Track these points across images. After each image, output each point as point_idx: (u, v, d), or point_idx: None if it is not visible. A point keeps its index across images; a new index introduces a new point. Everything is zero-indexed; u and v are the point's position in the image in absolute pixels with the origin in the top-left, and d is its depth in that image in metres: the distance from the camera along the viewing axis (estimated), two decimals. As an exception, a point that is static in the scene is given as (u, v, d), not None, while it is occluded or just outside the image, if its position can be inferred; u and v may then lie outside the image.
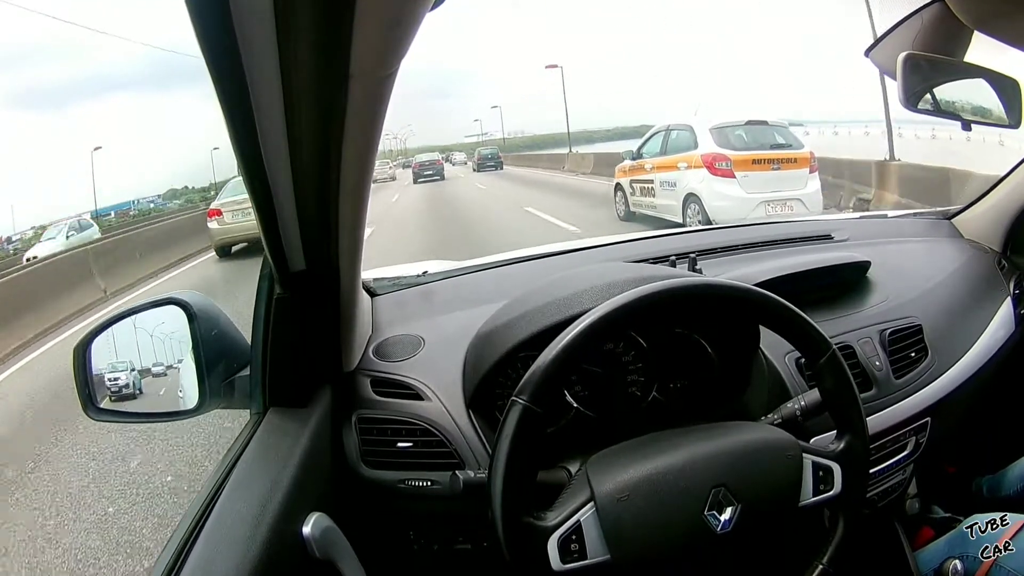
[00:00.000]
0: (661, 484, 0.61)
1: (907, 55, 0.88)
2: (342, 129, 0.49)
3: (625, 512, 0.59)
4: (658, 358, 0.86)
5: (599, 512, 0.60)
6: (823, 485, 0.66)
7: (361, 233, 0.68)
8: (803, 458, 0.66)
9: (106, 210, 10.25)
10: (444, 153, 24.18)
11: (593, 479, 0.62)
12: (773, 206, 5.00)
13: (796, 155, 5.24)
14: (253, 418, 0.76)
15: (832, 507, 0.68)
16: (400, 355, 0.89)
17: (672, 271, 0.93)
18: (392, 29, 0.42)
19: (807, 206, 5.06)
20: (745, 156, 5.14)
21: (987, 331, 1.08)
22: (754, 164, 5.11)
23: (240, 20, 0.38)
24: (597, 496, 0.60)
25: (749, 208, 4.93)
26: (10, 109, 19.27)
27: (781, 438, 0.67)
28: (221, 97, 0.43)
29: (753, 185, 5.03)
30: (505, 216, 8.69)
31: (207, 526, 0.58)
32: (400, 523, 0.86)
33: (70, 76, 22.75)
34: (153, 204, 12.78)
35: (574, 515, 0.60)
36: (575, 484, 0.63)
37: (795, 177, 5.10)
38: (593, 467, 0.63)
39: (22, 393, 4.18)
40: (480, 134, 31.27)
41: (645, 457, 0.63)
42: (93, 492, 2.63)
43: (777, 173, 5.09)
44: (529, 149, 23.26)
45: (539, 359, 0.62)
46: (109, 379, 0.77)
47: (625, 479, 0.61)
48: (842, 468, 0.67)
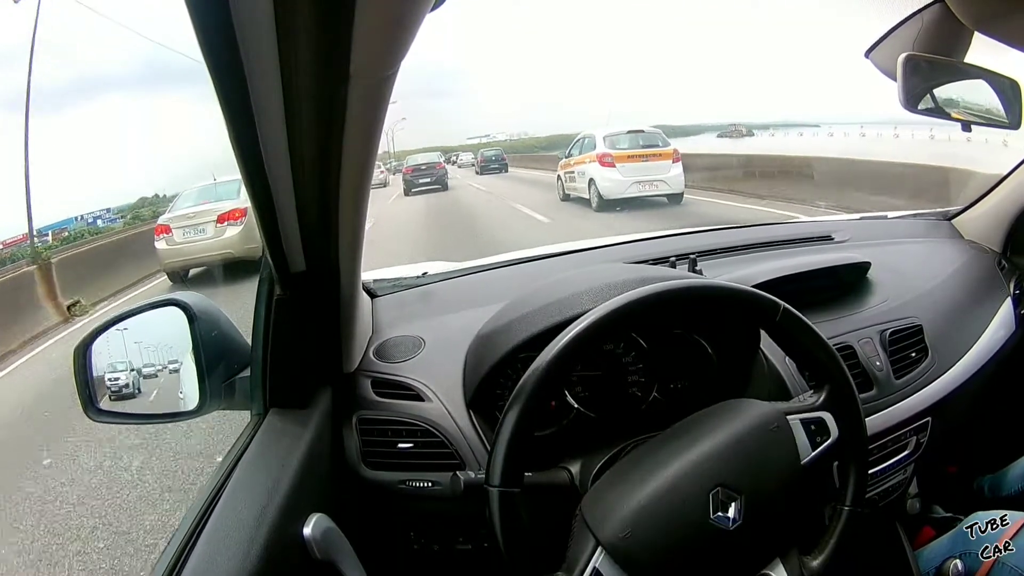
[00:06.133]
0: (659, 507, 0.60)
1: (907, 56, 0.88)
2: (342, 129, 0.49)
3: (635, 545, 0.59)
4: (658, 359, 0.86)
5: (611, 553, 0.59)
6: (819, 436, 0.66)
7: (361, 234, 0.68)
8: (788, 422, 0.66)
9: (44, 229, 8.74)
10: (447, 154, 18.22)
11: (592, 524, 0.61)
12: (643, 185, 7.55)
13: (661, 151, 7.75)
14: (254, 419, 0.76)
15: (836, 454, 0.68)
16: (400, 356, 0.89)
17: (672, 272, 0.93)
18: (392, 29, 0.42)
19: (669, 184, 7.60)
20: (622, 153, 7.69)
21: (987, 331, 1.08)
22: (629, 158, 7.64)
23: (240, 20, 0.38)
24: (602, 540, 0.60)
25: (625, 187, 7.50)
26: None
27: (762, 413, 0.66)
28: (221, 97, 0.43)
29: (627, 172, 7.55)
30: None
31: (208, 527, 0.58)
32: (401, 524, 0.86)
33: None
34: (100, 220, 10.18)
35: (588, 565, 0.59)
36: (576, 534, 0.62)
37: (660, 166, 7.63)
38: (587, 510, 0.63)
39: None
40: (483, 136, 30.27)
41: (635, 483, 0.62)
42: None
43: (645, 163, 7.62)
44: (531, 151, 22.25)
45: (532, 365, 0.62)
46: (109, 379, 0.77)
47: (623, 515, 0.60)
48: (832, 413, 0.67)
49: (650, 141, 7.95)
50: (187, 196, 7.04)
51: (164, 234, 6.51)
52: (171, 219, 6.60)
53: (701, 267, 0.98)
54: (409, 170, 13.49)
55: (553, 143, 21.39)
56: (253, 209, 0.56)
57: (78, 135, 11.75)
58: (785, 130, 15.31)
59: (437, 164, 13.79)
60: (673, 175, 7.65)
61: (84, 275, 6.77)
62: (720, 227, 1.44)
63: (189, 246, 6.34)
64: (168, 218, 6.69)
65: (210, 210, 6.42)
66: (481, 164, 17.96)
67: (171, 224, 6.49)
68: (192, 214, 6.42)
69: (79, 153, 11.90)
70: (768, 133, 15.08)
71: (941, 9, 0.88)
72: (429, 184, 12.96)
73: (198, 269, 6.55)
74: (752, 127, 15.46)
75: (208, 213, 6.40)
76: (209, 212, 6.41)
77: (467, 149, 23.56)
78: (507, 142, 25.90)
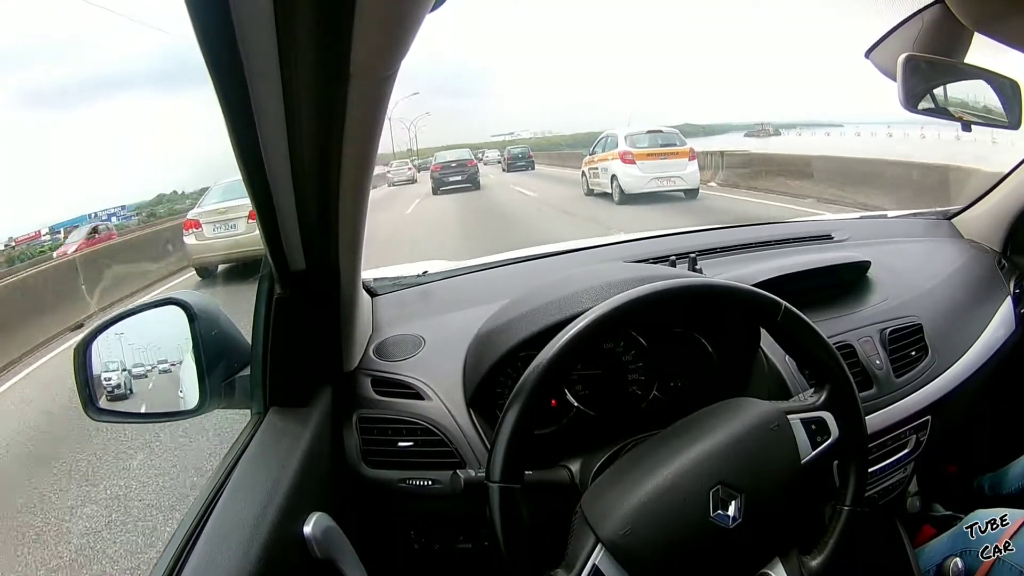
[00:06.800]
0: (659, 505, 0.60)
1: (907, 56, 0.88)
2: (342, 129, 0.49)
3: (634, 543, 0.59)
4: (658, 357, 0.86)
5: (611, 550, 0.59)
6: (820, 436, 0.66)
7: (361, 233, 0.68)
8: (789, 421, 0.66)
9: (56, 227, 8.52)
10: (473, 152, 16.26)
11: (592, 521, 0.61)
12: (660, 180, 8.31)
13: (678, 150, 8.61)
14: (254, 418, 0.76)
15: (836, 453, 0.68)
16: (400, 355, 0.89)
17: (672, 271, 0.93)
18: (392, 29, 0.42)
19: (685, 180, 8.37)
20: (642, 151, 8.51)
21: (987, 330, 1.08)
22: (648, 156, 8.45)
23: (240, 20, 0.38)
24: (602, 537, 0.60)
25: (644, 182, 8.28)
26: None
27: (762, 412, 0.66)
28: (221, 97, 0.43)
29: (647, 168, 8.36)
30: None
31: (208, 526, 0.58)
32: (401, 523, 0.86)
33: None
34: (115, 218, 9.88)
35: (588, 561, 0.59)
36: (576, 529, 0.63)
37: (676, 163, 8.43)
38: (588, 507, 0.63)
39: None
40: (507, 133, 29.62)
41: (635, 481, 0.62)
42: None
43: (663, 161, 8.42)
44: (555, 149, 21.78)
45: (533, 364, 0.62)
46: (104, 379, 0.77)
47: (623, 513, 0.60)
48: (833, 413, 0.67)
49: (668, 140, 8.77)
50: (215, 191, 6.78)
51: (194, 229, 6.32)
52: (201, 214, 6.40)
53: (701, 266, 0.98)
54: (438, 167, 12.84)
55: (578, 141, 21.14)
56: (253, 208, 0.56)
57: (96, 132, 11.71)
58: (812, 130, 15.40)
59: (468, 161, 13.05)
60: (689, 172, 8.46)
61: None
62: (720, 226, 1.44)
63: (219, 241, 6.16)
64: (198, 213, 6.48)
65: (242, 205, 6.05)
66: (508, 161, 17.97)
67: (201, 219, 6.30)
68: (224, 209, 6.17)
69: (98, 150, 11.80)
70: (795, 132, 15.16)
71: (941, 9, 0.88)
72: (460, 183, 12.32)
73: (226, 265, 6.40)
74: (779, 126, 15.54)
75: (240, 208, 6.06)
76: (241, 208, 6.05)
77: (492, 146, 23.07)
78: (531, 139, 25.38)
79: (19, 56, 19.84)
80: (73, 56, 26.42)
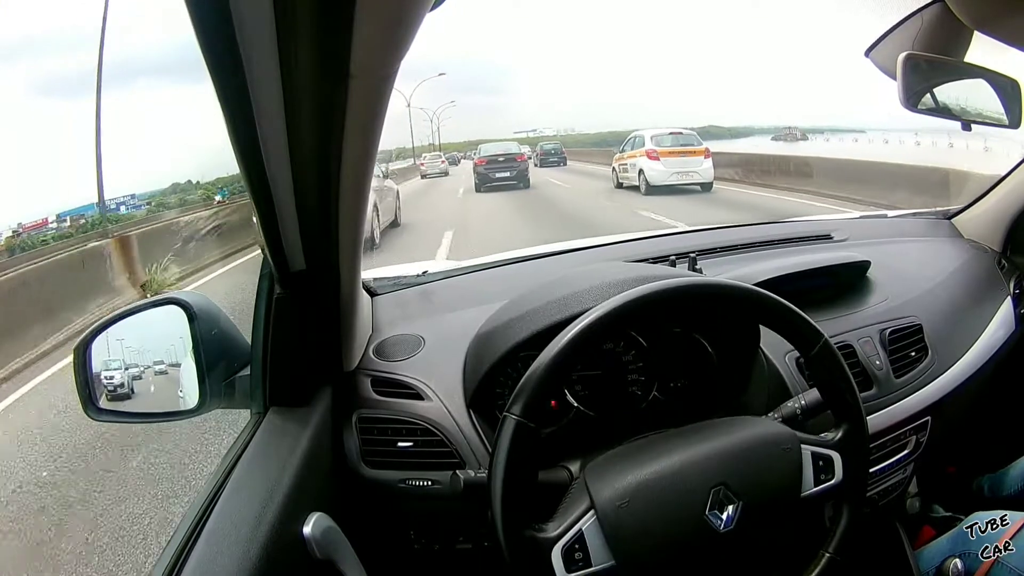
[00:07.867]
0: (660, 488, 0.61)
1: (907, 55, 0.88)
2: (342, 129, 0.49)
3: (626, 518, 0.59)
4: (658, 357, 0.86)
5: (600, 520, 0.60)
6: (824, 475, 0.66)
7: (361, 232, 0.68)
8: (801, 449, 0.66)
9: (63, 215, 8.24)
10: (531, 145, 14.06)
11: (592, 486, 0.62)
12: (680, 175, 9.55)
13: (695, 149, 9.82)
14: (253, 418, 0.76)
15: (835, 496, 0.68)
16: (400, 355, 0.89)
17: (672, 271, 0.93)
18: (392, 29, 0.42)
19: (700, 175, 9.63)
20: (664, 150, 9.68)
21: (987, 330, 1.08)
22: (670, 154, 9.65)
23: (240, 20, 0.38)
24: (597, 504, 0.60)
25: (667, 176, 9.49)
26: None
27: (778, 431, 0.67)
28: (221, 97, 0.43)
29: (669, 165, 9.58)
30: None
31: (208, 526, 0.58)
32: (401, 523, 0.86)
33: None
34: (124, 207, 9.21)
35: (576, 524, 0.60)
36: (574, 492, 0.63)
37: (694, 161, 9.69)
38: (591, 474, 0.63)
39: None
40: (529, 130, 29.54)
41: (643, 461, 0.63)
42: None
43: (683, 158, 9.66)
44: (580, 147, 21.70)
45: (534, 364, 0.62)
46: (105, 378, 0.77)
47: (624, 485, 0.61)
48: (842, 456, 0.67)
49: (687, 141, 9.99)
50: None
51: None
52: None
53: (701, 266, 0.98)
54: (483, 161, 11.42)
55: (603, 139, 21.28)
56: (252, 207, 0.56)
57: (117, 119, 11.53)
58: (840, 135, 15.46)
59: (518, 156, 11.58)
60: (704, 168, 9.73)
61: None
62: (720, 226, 1.44)
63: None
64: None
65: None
66: (540, 157, 17.70)
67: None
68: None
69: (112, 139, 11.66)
70: (823, 138, 15.24)
71: (941, 9, 0.88)
72: (508, 179, 11.02)
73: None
74: (806, 131, 15.59)
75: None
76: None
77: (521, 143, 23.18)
78: (555, 137, 25.25)
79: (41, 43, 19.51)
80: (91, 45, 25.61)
